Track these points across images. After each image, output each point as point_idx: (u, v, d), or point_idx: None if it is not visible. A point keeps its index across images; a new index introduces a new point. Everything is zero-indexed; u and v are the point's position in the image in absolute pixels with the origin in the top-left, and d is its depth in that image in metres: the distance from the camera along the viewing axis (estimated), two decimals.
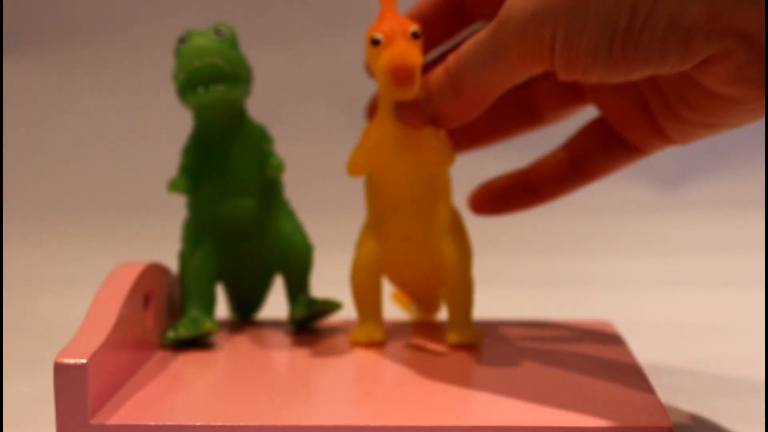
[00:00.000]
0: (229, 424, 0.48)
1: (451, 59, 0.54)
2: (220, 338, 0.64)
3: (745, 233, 1.21)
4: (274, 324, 0.68)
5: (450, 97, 0.54)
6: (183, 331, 0.61)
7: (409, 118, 0.56)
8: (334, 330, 0.66)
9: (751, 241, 1.17)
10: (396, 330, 0.66)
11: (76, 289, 0.89)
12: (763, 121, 0.58)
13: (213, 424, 0.48)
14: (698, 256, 1.11)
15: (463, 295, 0.63)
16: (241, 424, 0.48)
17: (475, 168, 0.56)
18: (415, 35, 0.60)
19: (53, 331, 0.79)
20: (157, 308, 0.61)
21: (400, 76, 0.57)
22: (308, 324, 0.67)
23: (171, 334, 0.62)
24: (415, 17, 0.61)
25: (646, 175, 1.32)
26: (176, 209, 0.73)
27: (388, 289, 0.65)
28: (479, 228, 0.72)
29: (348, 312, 0.67)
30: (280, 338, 0.64)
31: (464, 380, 0.55)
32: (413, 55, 0.59)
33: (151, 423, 0.48)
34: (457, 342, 0.61)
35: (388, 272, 0.65)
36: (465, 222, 0.65)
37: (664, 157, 1.37)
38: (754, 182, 1.35)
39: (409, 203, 0.60)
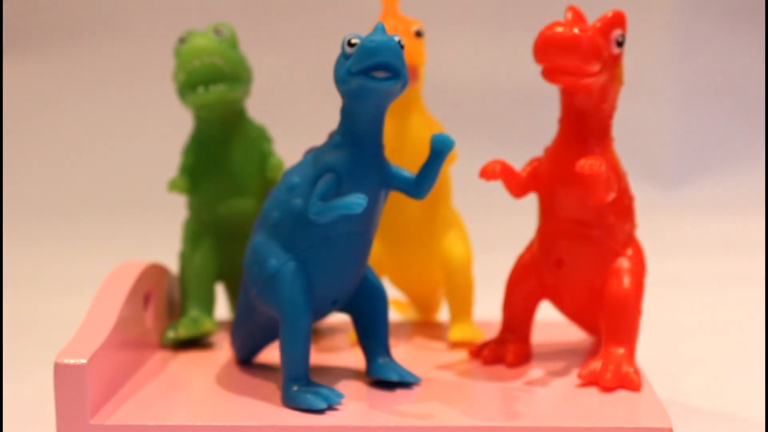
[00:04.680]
0: (229, 424, 0.48)
1: None
2: (220, 338, 0.64)
3: (745, 233, 1.21)
4: None
5: None
6: (183, 331, 0.61)
7: None
8: (334, 330, 0.66)
9: (751, 241, 1.17)
10: (396, 330, 0.66)
11: (76, 289, 0.89)
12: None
13: (213, 424, 0.48)
14: (698, 256, 1.11)
15: (464, 293, 0.63)
16: (241, 424, 0.48)
17: (475, 168, 0.56)
18: (418, 34, 0.61)
19: (53, 331, 0.79)
20: (157, 308, 0.61)
21: None
22: None
23: (171, 334, 0.62)
24: None
25: (646, 175, 1.32)
26: (176, 209, 0.73)
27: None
28: (479, 228, 0.72)
29: None
30: None
31: (464, 380, 0.55)
32: (416, 53, 0.60)
33: (151, 423, 0.48)
34: (458, 339, 0.61)
35: (389, 272, 0.65)
36: (465, 222, 0.65)
37: (664, 157, 1.37)
38: (754, 182, 1.35)
39: (410, 202, 0.60)
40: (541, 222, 0.58)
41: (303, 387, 0.50)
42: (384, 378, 0.54)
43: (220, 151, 0.63)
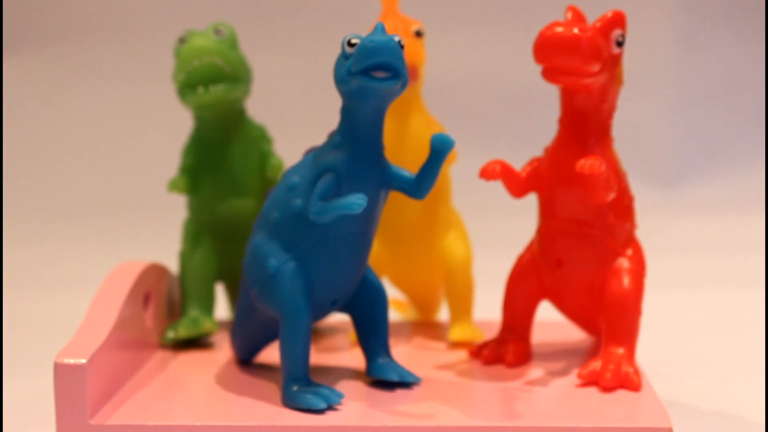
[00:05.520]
0: (229, 424, 0.48)
1: None
2: (220, 338, 0.64)
3: (745, 233, 1.21)
4: None
5: None
6: (183, 331, 0.61)
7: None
8: (334, 330, 0.66)
9: (751, 241, 1.17)
10: (396, 330, 0.66)
11: (76, 289, 0.89)
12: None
13: (213, 424, 0.48)
14: (698, 256, 1.11)
15: (463, 293, 0.63)
16: (241, 424, 0.48)
17: (476, 168, 0.56)
18: (418, 34, 0.61)
19: (53, 331, 0.79)
20: (157, 308, 0.61)
21: None
22: None
23: (171, 334, 0.62)
24: None
25: (646, 175, 1.32)
26: (176, 209, 0.73)
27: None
28: (479, 228, 0.72)
29: None
30: None
31: (464, 380, 0.55)
32: (416, 53, 0.60)
33: (151, 423, 0.48)
34: (458, 339, 0.61)
35: (389, 272, 0.65)
36: (465, 222, 0.65)
37: (664, 157, 1.37)
38: (754, 182, 1.35)
39: (410, 202, 0.60)
40: (541, 222, 0.58)
41: (303, 387, 0.50)
42: (384, 378, 0.54)
43: (220, 151, 0.63)
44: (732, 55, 1.41)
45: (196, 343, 0.63)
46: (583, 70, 0.52)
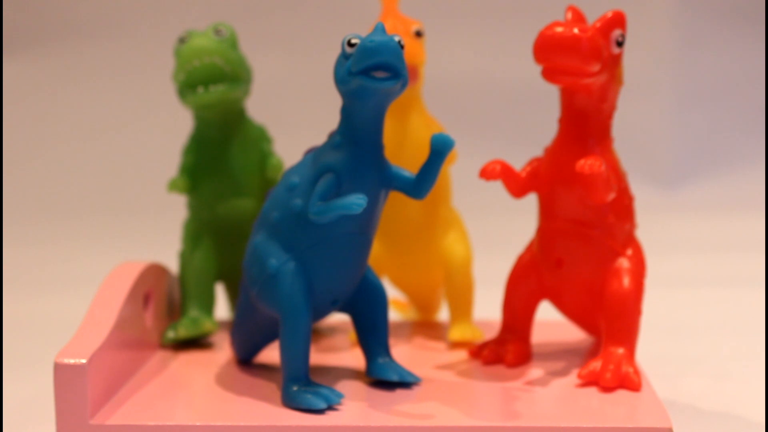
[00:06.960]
0: (229, 424, 0.48)
1: None
2: (220, 338, 0.64)
3: (745, 233, 1.21)
4: None
5: None
6: (183, 331, 0.61)
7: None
8: (334, 330, 0.66)
9: (751, 241, 1.17)
10: (396, 330, 0.66)
11: (76, 289, 0.89)
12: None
13: (213, 424, 0.48)
14: (698, 256, 1.11)
15: (463, 293, 0.63)
16: (241, 424, 0.48)
17: (476, 168, 0.56)
18: (418, 34, 0.61)
19: (53, 331, 0.79)
20: (157, 308, 0.61)
21: None
22: None
23: (171, 334, 0.62)
24: None
25: (646, 175, 1.32)
26: (176, 209, 0.73)
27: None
28: (479, 228, 0.72)
29: None
30: None
31: (464, 380, 0.55)
32: (416, 53, 0.60)
33: (151, 423, 0.48)
34: (458, 339, 0.61)
35: (389, 272, 0.65)
36: (465, 222, 0.65)
37: (664, 157, 1.37)
38: (754, 182, 1.35)
39: (410, 202, 0.60)
40: (541, 222, 0.58)
41: (303, 387, 0.50)
42: (384, 378, 0.54)
43: (220, 151, 0.63)
44: (732, 55, 1.41)
45: (196, 343, 0.63)
46: (583, 70, 0.52)
